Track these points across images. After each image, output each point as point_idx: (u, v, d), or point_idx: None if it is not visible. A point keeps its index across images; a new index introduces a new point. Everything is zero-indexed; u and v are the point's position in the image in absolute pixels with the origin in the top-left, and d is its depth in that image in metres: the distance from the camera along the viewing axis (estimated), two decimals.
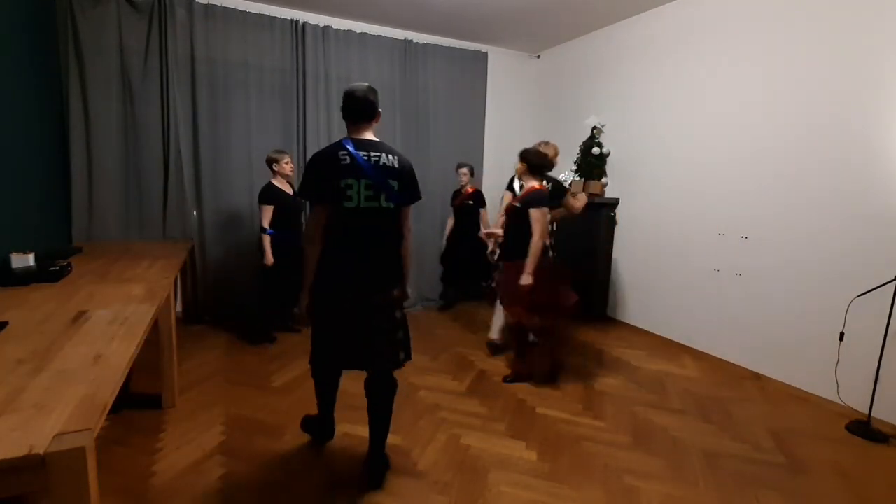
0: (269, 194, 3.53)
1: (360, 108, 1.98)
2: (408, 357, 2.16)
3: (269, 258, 3.51)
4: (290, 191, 3.64)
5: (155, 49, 3.82)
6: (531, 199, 2.95)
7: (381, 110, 2.04)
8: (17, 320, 1.64)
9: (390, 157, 1.98)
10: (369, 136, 2.01)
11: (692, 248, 3.84)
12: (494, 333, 3.69)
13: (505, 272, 3.13)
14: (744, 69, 3.43)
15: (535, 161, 3.00)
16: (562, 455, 2.38)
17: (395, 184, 1.97)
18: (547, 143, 3.46)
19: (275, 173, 3.60)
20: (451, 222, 4.77)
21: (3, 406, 1.10)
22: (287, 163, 3.61)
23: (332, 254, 1.97)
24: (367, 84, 2.03)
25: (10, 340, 1.47)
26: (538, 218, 2.91)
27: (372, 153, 1.94)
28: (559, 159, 3.61)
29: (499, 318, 3.67)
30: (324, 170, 1.91)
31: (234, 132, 4.16)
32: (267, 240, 3.51)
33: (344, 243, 1.96)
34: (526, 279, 2.87)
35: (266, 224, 3.51)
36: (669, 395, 3.07)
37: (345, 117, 2.01)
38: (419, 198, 2.12)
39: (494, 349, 3.68)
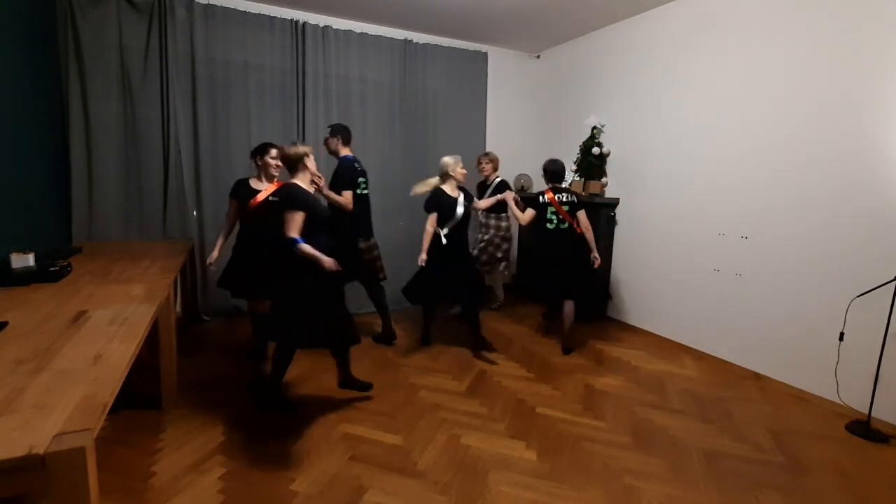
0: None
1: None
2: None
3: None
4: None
5: (155, 49, 3.82)
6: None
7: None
8: (17, 320, 1.64)
9: None
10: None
11: (692, 248, 3.84)
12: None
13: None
14: (743, 69, 3.42)
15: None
16: (562, 455, 2.38)
17: None
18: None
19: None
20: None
21: (3, 406, 1.10)
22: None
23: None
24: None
25: (10, 340, 1.47)
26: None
27: None
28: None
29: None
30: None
31: (234, 132, 4.16)
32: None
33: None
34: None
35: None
36: (669, 395, 3.07)
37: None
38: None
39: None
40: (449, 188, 3.48)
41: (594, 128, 4.53)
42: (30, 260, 2.19)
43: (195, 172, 4.07)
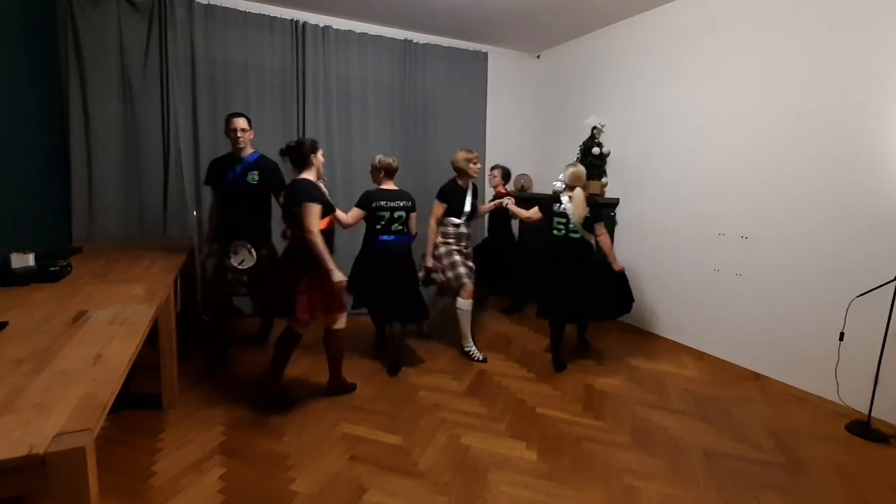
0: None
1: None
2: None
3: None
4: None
5: (155, 49, 3.82)
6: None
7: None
8: (17, 320, 1.64)
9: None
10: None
11: (692, 248, 3.84)
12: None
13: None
14: (742, 69, 3.42)
15: None
16: (562, 455, 2.38)
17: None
18: None
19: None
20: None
21: (3, 406, 1.10)
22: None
23: None
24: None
25: (10, 340, 1.47)
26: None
27: None
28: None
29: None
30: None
31: None
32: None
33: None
34: None
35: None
36: (669, 395, 3.07)
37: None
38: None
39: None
40: None
41: (594, 128, 4.53)
42: (30, 260, 2.19)
43: (195, 172, 4.07)
